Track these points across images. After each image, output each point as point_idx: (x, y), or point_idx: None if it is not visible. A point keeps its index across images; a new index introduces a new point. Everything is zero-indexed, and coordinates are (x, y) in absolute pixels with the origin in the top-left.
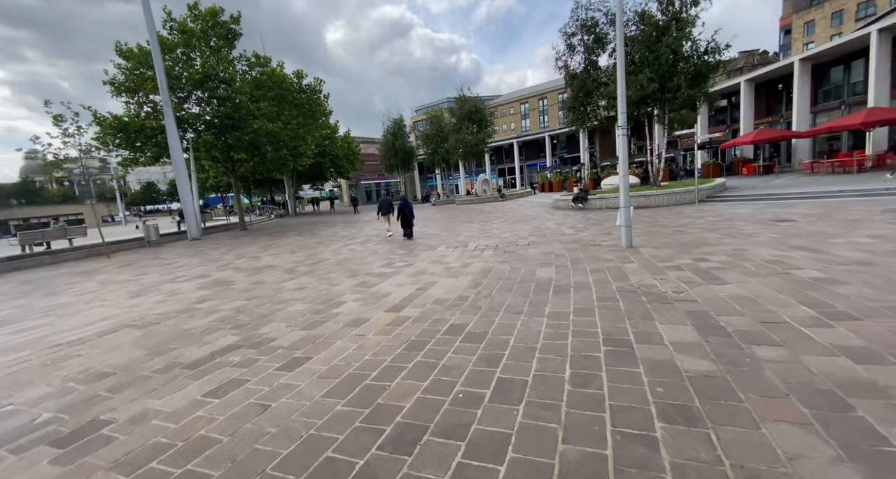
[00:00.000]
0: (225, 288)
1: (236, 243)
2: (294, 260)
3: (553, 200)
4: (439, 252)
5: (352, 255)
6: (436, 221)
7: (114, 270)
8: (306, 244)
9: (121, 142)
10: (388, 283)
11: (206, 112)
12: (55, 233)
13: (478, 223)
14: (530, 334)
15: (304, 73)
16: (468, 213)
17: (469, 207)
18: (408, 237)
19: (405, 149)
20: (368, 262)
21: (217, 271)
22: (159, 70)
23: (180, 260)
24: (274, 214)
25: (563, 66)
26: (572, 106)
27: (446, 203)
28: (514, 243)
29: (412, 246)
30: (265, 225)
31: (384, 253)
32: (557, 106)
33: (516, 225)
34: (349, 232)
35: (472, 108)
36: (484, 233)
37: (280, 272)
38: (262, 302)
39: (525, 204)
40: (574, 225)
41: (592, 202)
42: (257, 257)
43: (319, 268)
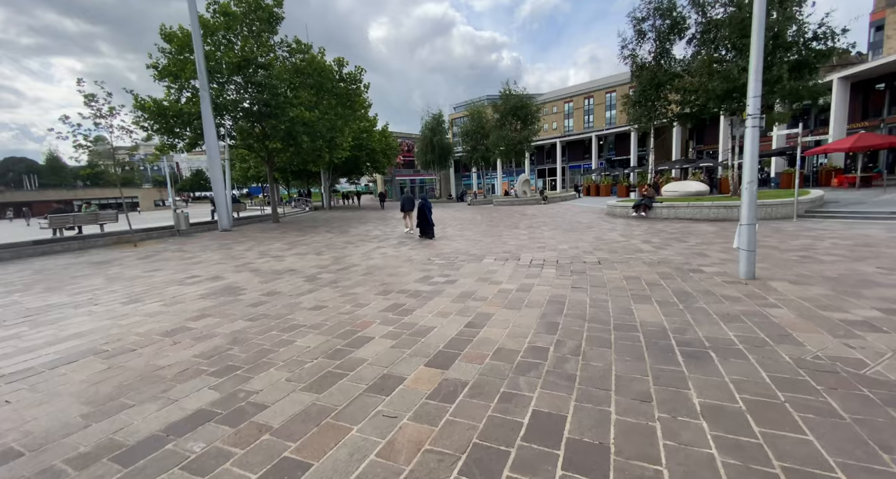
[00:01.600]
0: (233, 299)
1: (264, 238)
2: (319, 264)
3: (608, 205)
4: (487, 266)
5: (384, 261)
6: (475, 224)
7: (131, 262)
8: (335, 244)
9: (160, 127)
10: (428, 309)
11: (243, 98)
12: (86, 217)
13: (524, 229)
14: (698, 467)
15: (346, 62)
16: (510, 215)
17: (509, 209)
18: (427, 237)
19: (443, 145)
20: (402, 273)
21: (233, 273)
22: (198, 52)
23: (201, 255)
24: (308, 206)
25: (629, 55)
26: (638, 101)
27: (483, 203)
28: (580, 260)
29: (452, 254)
30: (298, 218)
31: (421, 262)
32: (604, 105)
33: (572, 234)
34: (382, 231)
35: (518, 103)
36: (535, 242)
37: (300, 280)
38: (268, 326)
39: (572, 208)
40: (647, 239)
41: (658, 211)
42: (280, 257)
43: (345, 277)
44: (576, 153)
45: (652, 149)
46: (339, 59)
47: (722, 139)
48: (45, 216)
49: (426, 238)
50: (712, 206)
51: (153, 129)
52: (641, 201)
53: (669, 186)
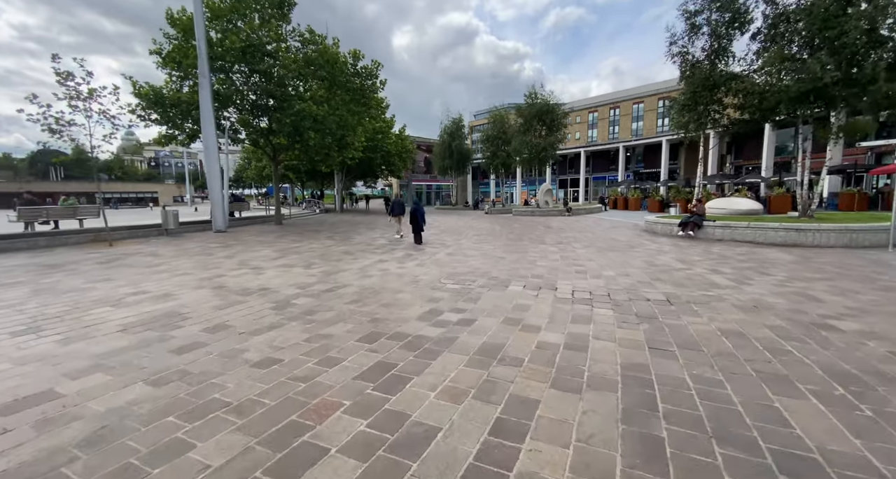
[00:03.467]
0: (159, 335)
1: (256, 242)
2: (301, 282)
3: (646, 221)
4: (514, 296)
5: (382, 281)
6: (496, 236)
7: (86, 267)
8: (331, 254)
9: (158, 116)
10: (431, 380)
11: (248, 88)
12: (62, 211)
13: (553, 245)
14: None
15: (361, 55)
16: (532, 227)
17: (530, 220)
18: (417, 242)
19: (461, 151)
20: (402, 302)
21: (191, 290)
22: (199, 33)
23: (172, 261)
24: (319, 208)
25: (678, 52)
26: (687, 104)
27: (501, 213)
28: (639, 295)
29: (469, 276)
30: (305, 220)
31: (428, 285)
32: (631, 116)
33: (612, 255)
34: (388, 240)
35: (544, 107)
36: (570, 263)
37: (267, 306)
38: (172, 403)
39: (601, 222)
40: (714, 267)
41: (709, 231)
42: (260, 269)
43: (326, 305)
44: (600, 164)
45: (701, 159)
46: (353, 51)
47: (766, 153)
48: (14, 208)
49: (417, 244)
50: (779, 228)
51: (150, 118)
52: (690, 219)
53: (714, 202)
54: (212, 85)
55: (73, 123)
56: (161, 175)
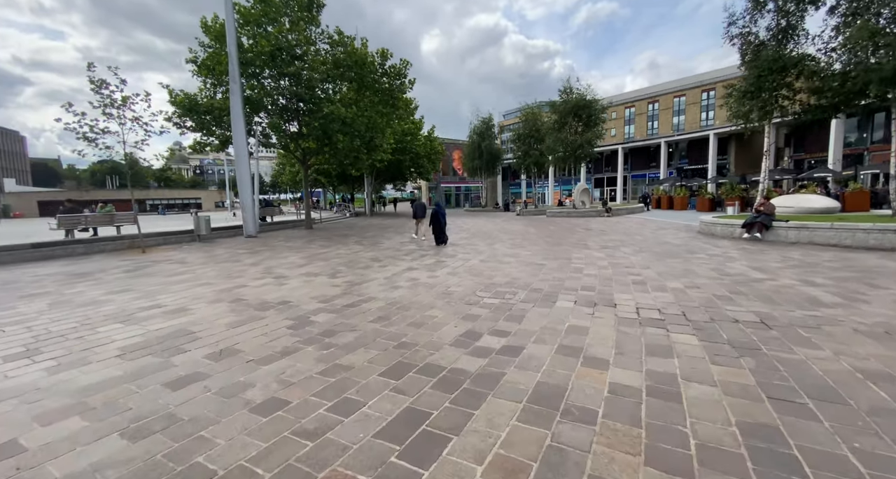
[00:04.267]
0: (160, 362)
1: (284, 248)
2: (325, 294)
3: (702, 222)
4: (565, 315)
5: (411, 293)
6: (532, 240)
7: (111, 276)
8: (359, 260)
9: (194, 123)
10: (479, 437)
11: (277, 92)
12: (100, 219)
13: (598, 250)
14: None
15: (390, 54)
16: (571, 230)
17: (567, 222)
18: (441, 244)
19: (491, 151)
20: (434, 321)
21: (207, 303)
22: (230, 38)
23: (197, 269)
24: (349, 212)
25: (738, 33)
26: (749, 91)
27: (534, 214)
28: (722, 313)
29: (508, 287)
30: (334, 224)
31: (462, 298)
32: (671, 110)
33: (672, 261)
34: (418, 245)
35: (580, 102)
36: (624, 271)
37: (283, 325)
38: (152, 458)
39: (647, 223)
40: (804, 277)
41: (779, 232)
42: (284, 278)
43: (349, 324)
44: (640, 161)
45: (767, 153)
46: (382, 50)
47: (833, 145)
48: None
49: (440, 245)
50: (873, 229)
51: (186, 125)
52: (756, 219)
53: (781, 200)
54: (242, 90)
55: (107, 131)
56: (205, 182)
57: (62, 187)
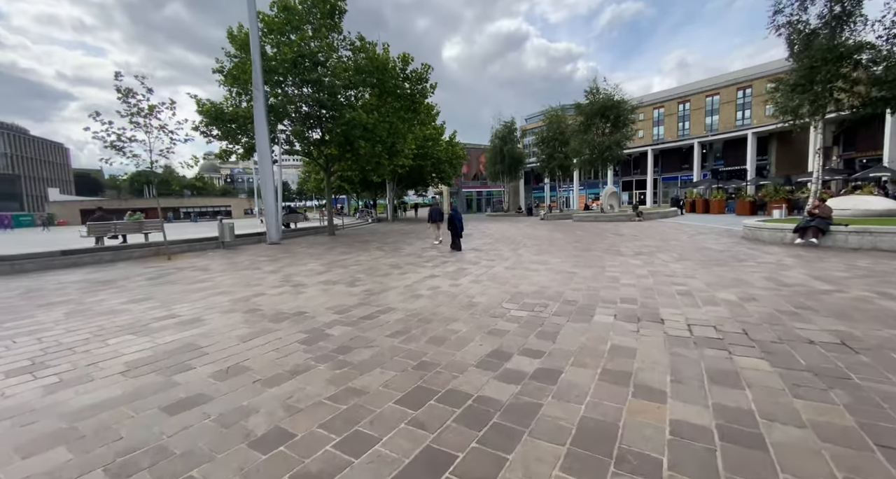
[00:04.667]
0: (162, 382)
1: (305, 255)
2: (342, 304)
3: (746, 226)
4: (609, 333)
5: (432, 304)
6: (559, 246)
7: (134, 283)
8: (379, 267)
9: (220, 131)
10: None
11: (300, 99)
12: (129, 226)
13: (633, 256)
14: None
15: (411, 58)
16: (601, 235)
17: (595, 227)
18: (455, 249)
19: (514, 155)
20: (456, 336)
21: (222, 313)
22: (254, 48)
23: (217, 277)
24: (371, 218)
25: (786, 21)
26: (800, 84)
27: (560, 218)
28: (791, 333)
29: (538, 297)
30: (357, 230)
31: (488, 310)
32: (703, 110)
33: (718, 270)
34: (440, 251)
35: (608, 102)
36: (667, 282)
37: (296, 339)
38: None
39: (683, 228)
40: (882, 289)
41: (838, 236)
42: (302, 286)
43: (365, 338)
44: (671, 163)
45: (819, 151)
46: (403, 55)
47: (889, 142)
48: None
49: (456, 250)
50: None
51: (212, 134)
52: (810, 223)
53: (836, 202)
54: (266, 98)
55: (133, 139)
56: (235, 190)
57: (103, 196)
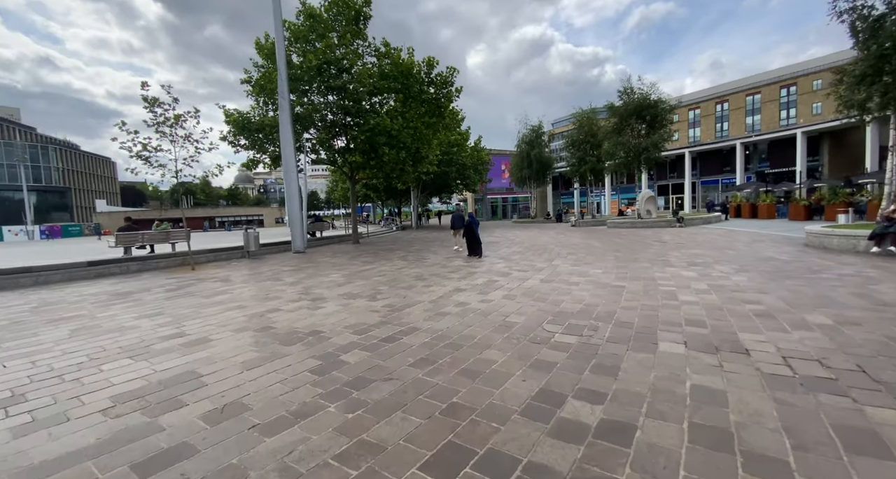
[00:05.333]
0: (144, 425)
1: (328, 265)
2: (361, 322)
3: (808, 233)
4: (684, 367)
5: (461, 323)
6: (597, 255)
7: (152, 295)
8: (402, 279)
9: (248, 141)
10: None
11: (325, 106)
12: (157, 236)
13: (686, 268)
14: None
15: (436, 61)
16: (641, 243)
17: (634, 234)
18: (475, 255)
19: (541, 159)
20: (493, 373)
21: (234, 331)
22: (280, 56)
23: (236, 289)
24: (396, 226)
25: (849, 6)
26: (868, 74)
27: (592, 225)
28: None
29: (583, 318)
30: (381, 238)
31: (526, 330)
32: (744, 110)
33: (789, 283)
34: (467, 261)
35: (644, 102)
36: (735, 299)
37: (307, 366)
38: None
39: (734, 235)
40: None
41: None
42: (321, 300)
43: (384, 366)
44: (711, 166)
45: (893, 148)
46: (428, 59)
47: None
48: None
49: (475, 256)
50: None
51: (240, 143)
52: (889, 229)
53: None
54: (291, 106)
55: (159, 149)
56: (268, 199)
57: (147, 207)
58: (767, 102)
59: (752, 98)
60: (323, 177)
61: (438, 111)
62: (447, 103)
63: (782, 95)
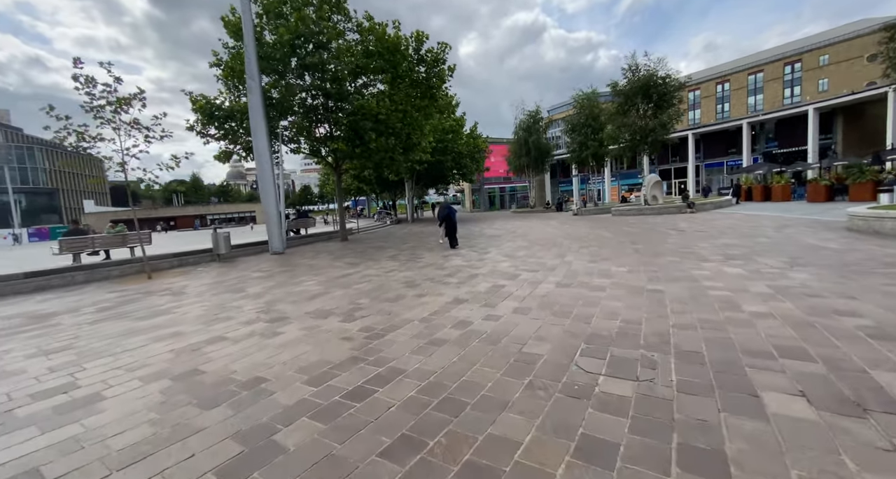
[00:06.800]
0: None
1: (306, 268)
2: (325, 359)
3: (850, 216)
4: (825, 450)
5: (461, 357)
6: (613, 248)
7: (71, 319)
8: (389, 287)
9: (217, 131)
10: None
11: (300, 88)
12: (109, 240)
13: (724, 262)
14: None
15: (425, 36)
16: (656, 232)
17: (643, 222)
18: (452, 246)
19: (539, 146)
20: (521, 462)
21: (140, 385)
22: (247, 32)
23: (179, 308)
24: (390, 220)
25: None
26: None
27: (595, 213)
28: None
29: (618, 343)
30: (372, 234)
31: (555, 368)
32: (746, 89)
33: (870, 283)
34: (466, 259)
35: (650, 79)
36: (817, 306)
37: (215, 464)
38: None
39: (755, 220)
40: None
41: None
42: (280, 323)
43: (335, 466)
44: (714, 148)
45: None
46: (417, 33)
47: None
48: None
49: (454, 248)
50: None
51: (209, 133)
52: None
53: None
54: (262, 89)
55: (100, 138)
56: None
57: (139, 206)
58: (770, 81)
59: (754, 77)
60: (316, 171)
61: (430, 93)
62: (439, 83)
63: (786, 73)
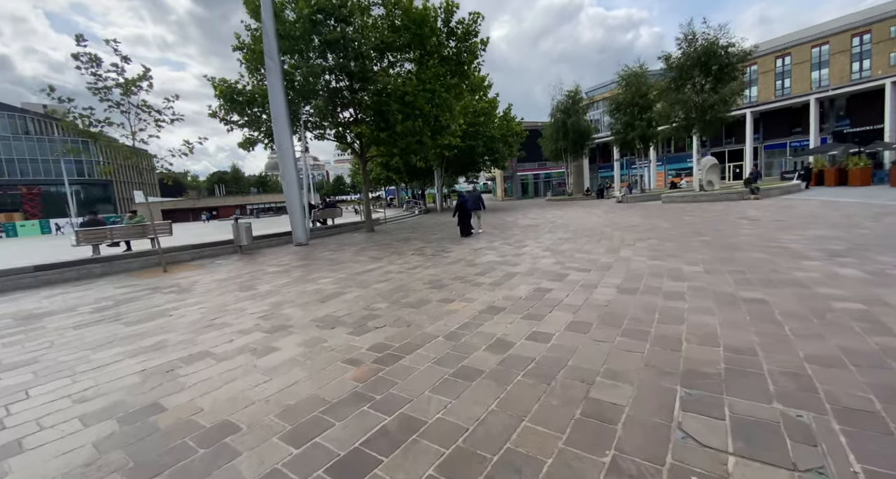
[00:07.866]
0: None
1: (325, 262)
2: (319, 396)
3: None
4: None
5: (504, 410)
6: (675, 241)
7: (68, 320)
8: (412, 287)
9: (240, 117)
10: None
11: (322, 69)
12: (129, 230)
13: (830, 261)
14: None
15: (456, 6)
16: (723, 221)
17: (700, 209)
18: (464, 235)
19: (579, 129)
20: None
21: (79, 421)
22: (265, 8)
23: (183, 306)
24: (418, 209)
25: None
26: None
27: (642, 200)
28: None
29: (755, 391)
30: (400, 224)
31: (646, 429)
32: (809, 63)
33: None
34: (500, 254)
35: (711, 50)
36: None
37: None
38: None
39: (833, 207)
40: None
41: None
42: (280, 334)
43: None
44: (776, 128)
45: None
46: (447, 3)
47: None
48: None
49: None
50: None
51: (232, 120)
52: None
53: None
54: (282, 70)
55: (109, 122)
56: None
57: (186, 196)
58: (836, 53)
59: (818, 50)
60: (349, 162)
61: (461, 70)
62: (471, 59)
63: (854, 45)
